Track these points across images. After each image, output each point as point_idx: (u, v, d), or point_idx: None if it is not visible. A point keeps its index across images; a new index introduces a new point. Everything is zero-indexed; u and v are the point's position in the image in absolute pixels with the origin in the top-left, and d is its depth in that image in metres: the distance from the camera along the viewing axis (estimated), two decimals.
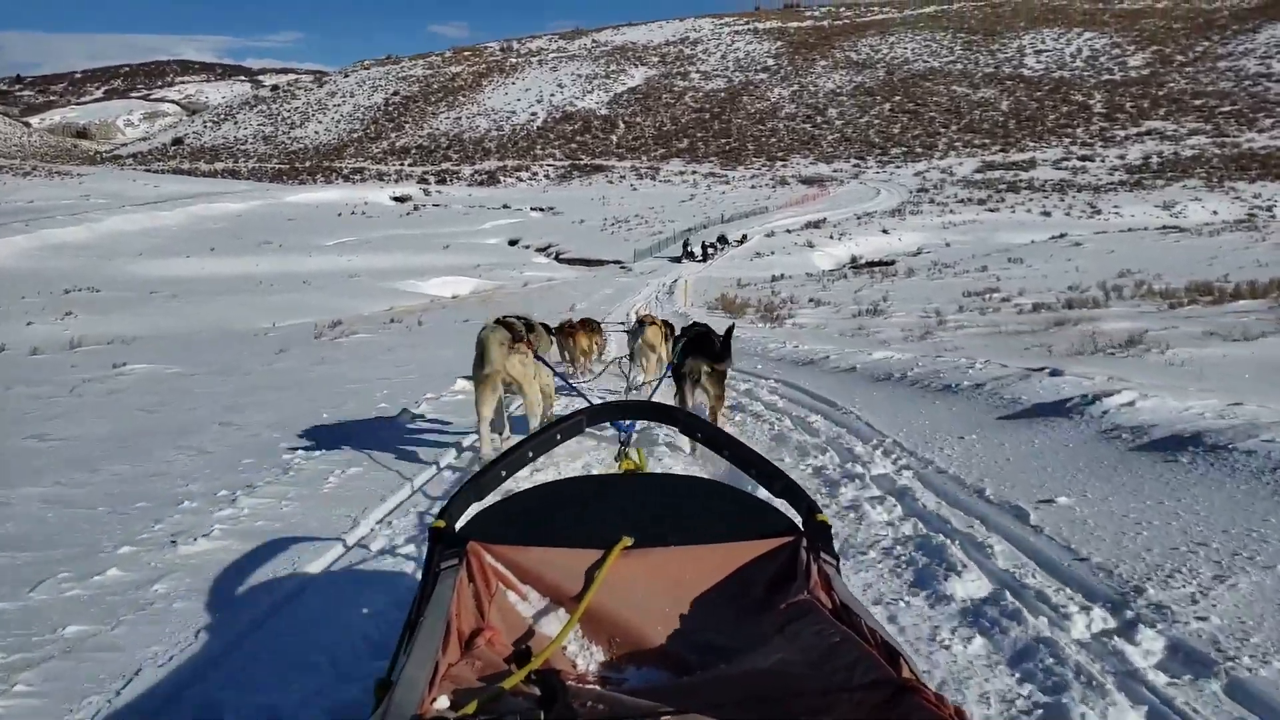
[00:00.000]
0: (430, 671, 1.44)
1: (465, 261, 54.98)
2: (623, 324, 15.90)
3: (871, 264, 50.17)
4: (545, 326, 7.26)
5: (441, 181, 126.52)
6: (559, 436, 2.24)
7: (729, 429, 4.88)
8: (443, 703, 1.41)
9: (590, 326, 12.71)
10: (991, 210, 73.39)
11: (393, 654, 1.78)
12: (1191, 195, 74.97)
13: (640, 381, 8.72)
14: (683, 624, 1.98)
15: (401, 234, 71.23)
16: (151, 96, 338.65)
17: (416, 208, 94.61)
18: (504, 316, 6.31)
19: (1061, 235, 56.86)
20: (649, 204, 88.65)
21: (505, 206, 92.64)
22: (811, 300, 27.49)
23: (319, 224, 78.92)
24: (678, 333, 6.93)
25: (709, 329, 6.01)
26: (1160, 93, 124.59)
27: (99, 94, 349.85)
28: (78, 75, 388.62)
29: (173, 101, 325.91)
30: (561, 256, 62.15)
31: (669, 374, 6.33)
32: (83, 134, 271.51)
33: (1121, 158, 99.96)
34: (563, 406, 7.83)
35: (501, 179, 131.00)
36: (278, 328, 23.47)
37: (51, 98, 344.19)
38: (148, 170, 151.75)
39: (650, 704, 1.50)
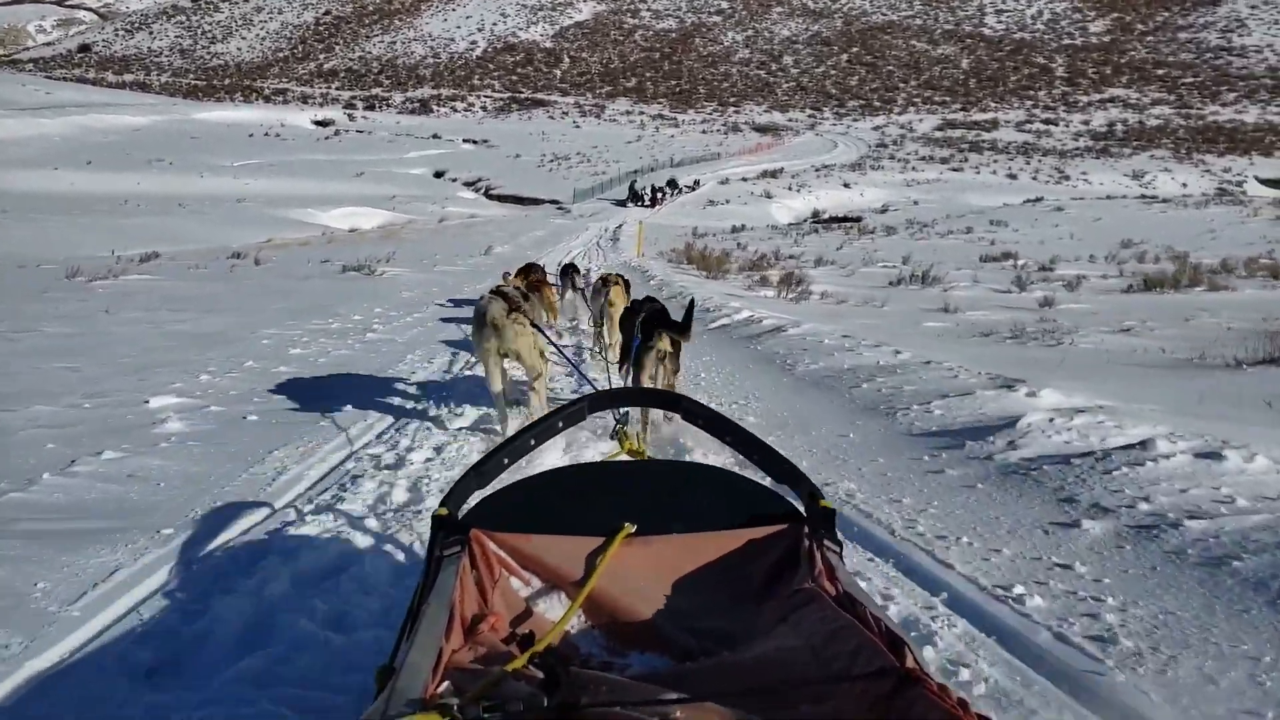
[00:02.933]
0: (434, 658, 1.43)
1: (379, 192, 49.07)
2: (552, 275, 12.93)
3: (836, 219, 46.32)
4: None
5: (370, 108, 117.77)
6: (561, 424, 2.16)
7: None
8: (446, 687, 1.41)
9: (542, 275, 10.71)
10: (955, 170, 70.45)
11: (395, 641, 1.74)
12: (1160, 166, 72.17)
13: (607, 345, 8.15)
14: (685, 611, 1.97)
15: (314, 159, 64.63)
16: (67, 3, 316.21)
17: (338, 133, 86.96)
18: (502, 282, 8.29)
19: (1038, 199, 53.79)
20: (592, 143, 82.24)
21: (435, 137, 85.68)
22: (818, 261, 21.76)
23: (226, 144, 71.48)
24: (628, 304, 6.76)
25: (663, 306, 5.74)
26: (1122, 60, 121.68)
27: None
28: None
29: (89, 9, 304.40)
30: (491, 192, 56.00)
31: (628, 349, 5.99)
32: None
33: (1086, 124, 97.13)
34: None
35: (435, 108, 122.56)
36: (98, 258, 17.54)
37: None
38: (47, 77, 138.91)
39: (652, 688, 1.50)
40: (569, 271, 11.52)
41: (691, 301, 5.74)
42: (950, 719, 1.23)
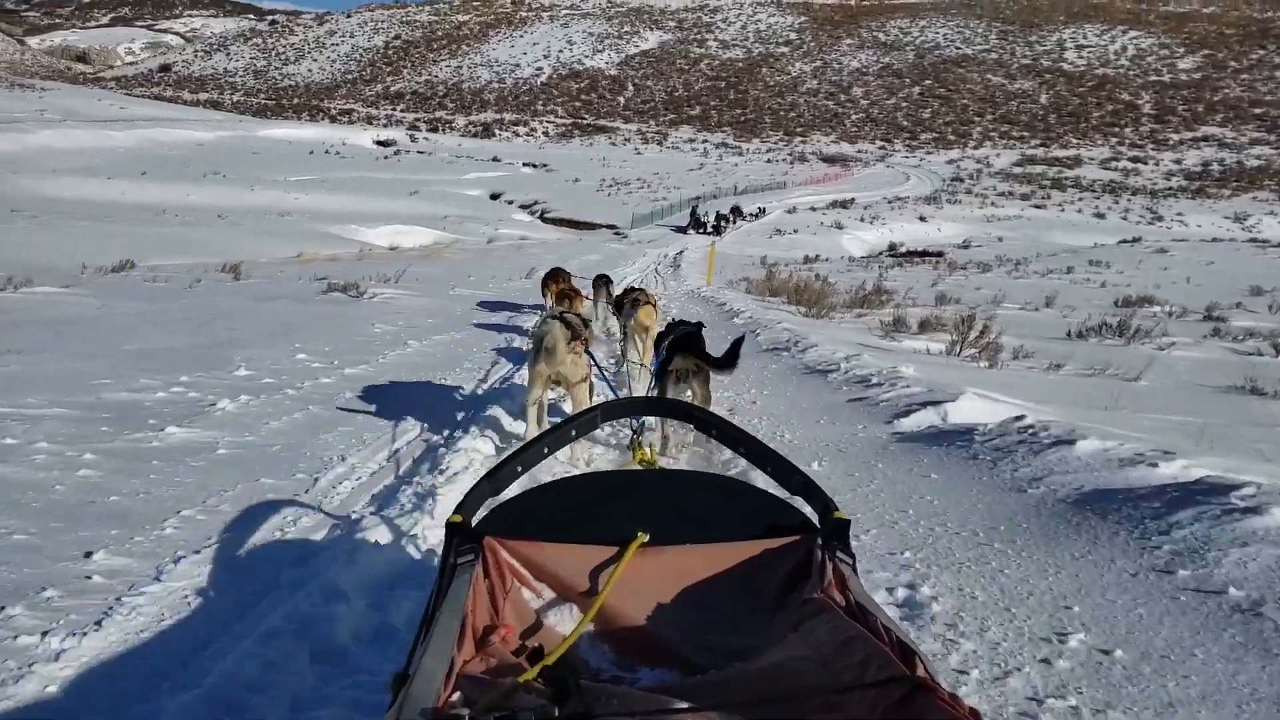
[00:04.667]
0: (446, 666, 1.43)
1: (432, 211, 47.04)
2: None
3: (916, 253, 42.83)
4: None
5: (433, 130, 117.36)
6: (574, 433, 2.21)
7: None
8: (457, 697, 1.42)
9: (568, 280, 11.10)
10: (1037, 207, 66.66)
11: (410, 647, 1.74)
12: (1266, 209, 66.93)
13: (636, 364, 7.66)
14: (696, 622, 1.96)
15: (370, 177, 63.28)
16: (156, 27, 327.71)
17: (398, 153, 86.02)
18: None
19: (1135, 239, 49.60)
20: (653, 169, 79.80)
21: (495, 160, 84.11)
22: (940, 299, 17.44)
23: (285, 160, 70.73)
24: (662, 328, 6.68)
25: (697, 328, 5.71)
26: (1215, 98, 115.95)
27: (105, 20, 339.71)
28: (85, 0, 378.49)
29: (176, 33, 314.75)
30: (547, 216, 53.53)
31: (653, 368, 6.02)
32: (82, 58, 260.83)
33: (1178, 162, 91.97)
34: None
35: (497, 132, 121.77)
36: (59, 268, 15.03)
37: (57, 20, 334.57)
38: (127, 94, 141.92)
39: (662, 698, 1.48)
40: (601, 282, 11.05)
41: (741, 338, 5.59)
42: None
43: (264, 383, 6.84)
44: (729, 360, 5.24)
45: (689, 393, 5.50)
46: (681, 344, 5.43)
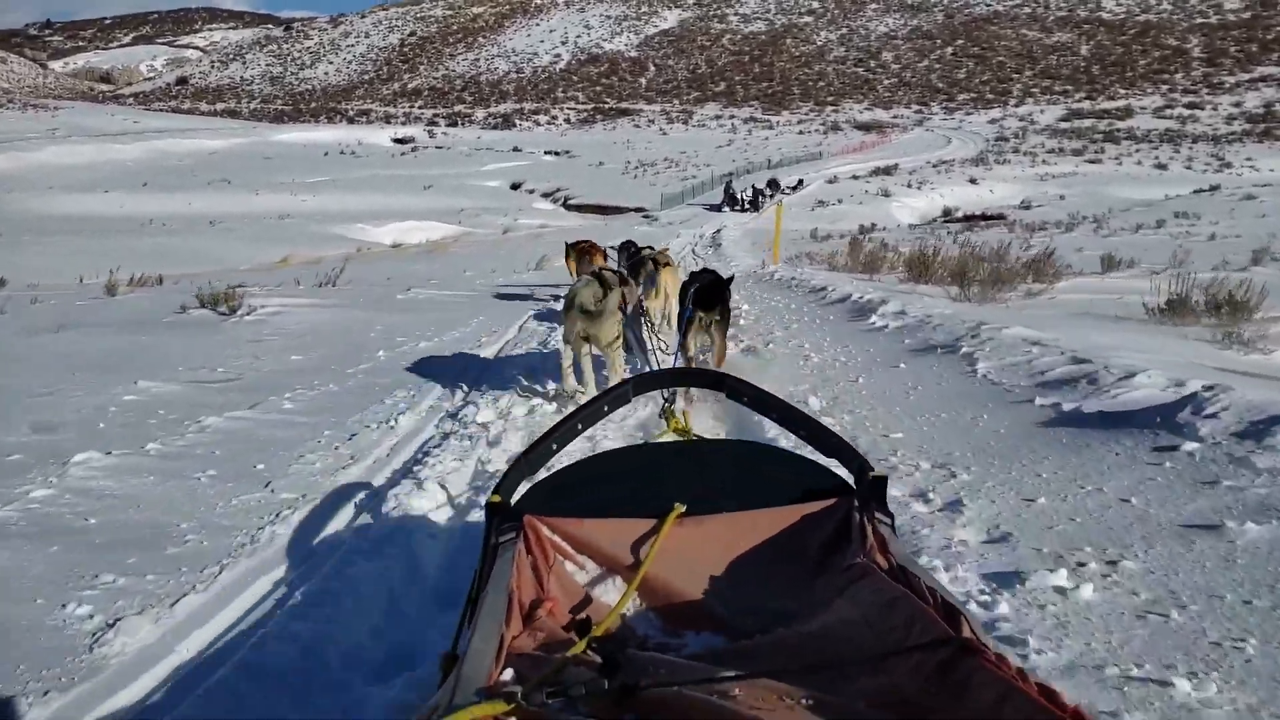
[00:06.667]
0: (495, 644, 1.45)
1: (448, 205, 44.24)
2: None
3: (974, 216, 39.23)
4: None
5: (452, 124, 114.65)
6: (606, 408, 2.20)
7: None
8: (508, 674, 1.43)
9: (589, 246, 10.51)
10: (1092, 161, 62.52)
11: (456, 628, 1.75)
12: None
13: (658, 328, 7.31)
14: (739, 589, 1.96)
15: (385, 174, 60.83)
16: (177, 43, 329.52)
17: (415, 149, 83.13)
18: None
19: (1214, 188, 45.50)
20: (680, 148, 76.16)
21: (515, 150, 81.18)
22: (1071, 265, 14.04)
23: (299, 163, 68.39)
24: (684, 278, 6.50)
25: (717, 275, 5.77)
26: (1269, 36, 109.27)
27: (127, 40, 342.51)
28: (107, 22, 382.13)
29: (197, 48, 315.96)
30: (571, 202, 50.30)
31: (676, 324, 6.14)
32: (105, 78, 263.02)
33: (1237, 105, 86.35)
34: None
35: (517, 122, 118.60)
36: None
37: (79, 43, 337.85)
38: (145, 109, 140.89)
39: (710, 668, 1.50)
40: (627, 248, 10.33)
41: (730, 278, 5.74)
42: (1008, 688, 1.22)
43: None
44: (720, 300, 5.37)
45: (707, 339, 5.53)
46: (703, 293, 5.41)
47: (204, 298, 8.97)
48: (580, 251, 10.36)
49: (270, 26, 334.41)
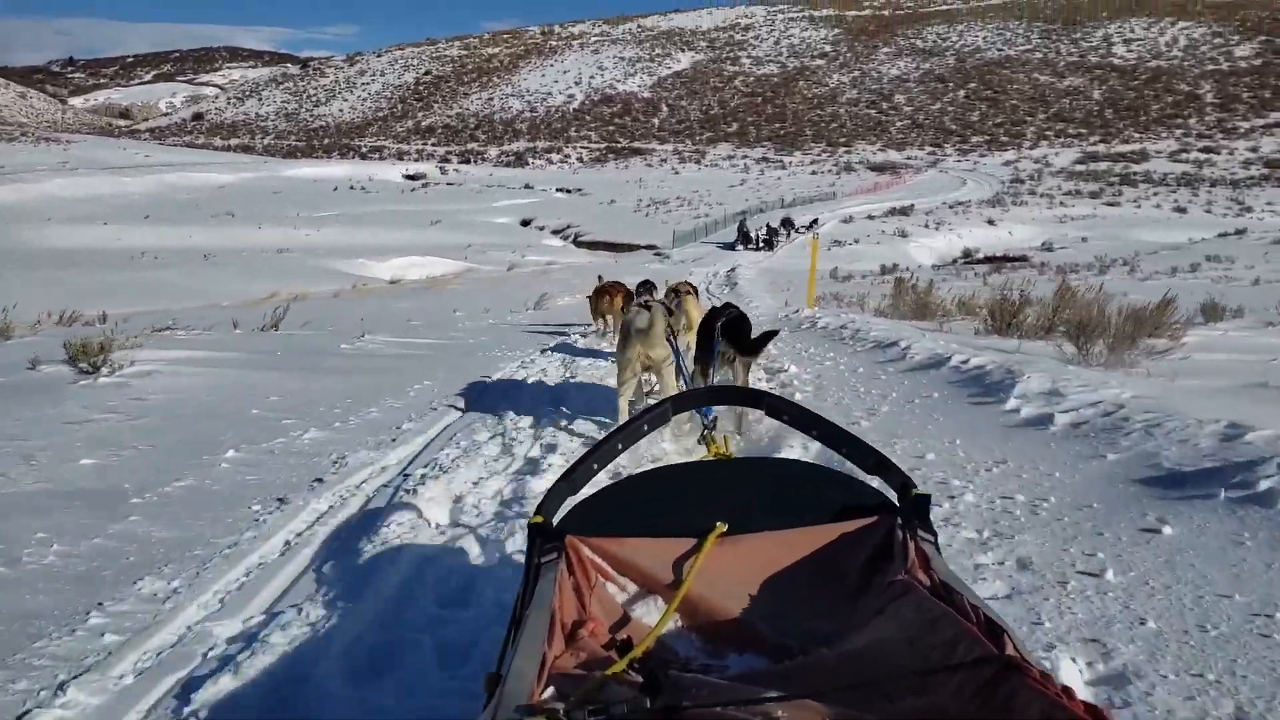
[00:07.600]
0: (538, 664, 1.46)
1: (455, 240, 43.39)
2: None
3: (996, 258, 38.17)
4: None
5: (465, 161, 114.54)
6: (646, 428, 2.18)
7: None
8: (549, 692, 1.44)
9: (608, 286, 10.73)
10: (1110, 204, 61.68)
11: (500, 649, 1.76)
12: None
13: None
14: (780, 609, 1.95)
15: (393, 210, 60.28)
16: (197, 80, 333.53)
17: (426, 185, 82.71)
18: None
19: (1239, 232, 44.51)
20: (693, 187, 75.51)
21: (527, 187, 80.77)
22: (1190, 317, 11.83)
23: (307, 198, 67.86)
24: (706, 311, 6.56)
25: (742, 312, 5.76)
26: None
27: (148, 78, 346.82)
28: (129, 60, 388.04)
29: (216, 85, 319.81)
30: (581, 239, 49.38)
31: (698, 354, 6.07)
32: (125, 114, 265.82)
33: (1254, 150, 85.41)
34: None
35: (530, 160, 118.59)
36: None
37: (101, 80, 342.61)
38: (159, 143, 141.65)
39: (752, 689, 1.50)
40: (645, 288, 9.79)
41: (774, 332, 5.75)
42: (1053, 707, 1.21)
43: None
44: (755, 346, 5.45)
45: (729, 374, 5.58)
46: (731, 328, 5.50)
47: (72, 349, 7.50)
48: (598, 292, 10.53)
49: (289, 66, 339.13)
